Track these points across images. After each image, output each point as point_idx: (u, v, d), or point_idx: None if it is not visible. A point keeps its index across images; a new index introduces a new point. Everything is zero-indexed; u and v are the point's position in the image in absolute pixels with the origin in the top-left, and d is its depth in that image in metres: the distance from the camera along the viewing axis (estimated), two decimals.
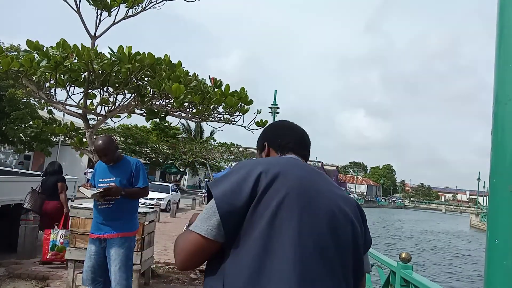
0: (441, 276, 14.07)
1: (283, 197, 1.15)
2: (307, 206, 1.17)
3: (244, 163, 1.27)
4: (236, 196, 1.14)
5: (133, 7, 5.52)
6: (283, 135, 1.50)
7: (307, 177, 1.25)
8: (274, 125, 1.59)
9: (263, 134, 1.55)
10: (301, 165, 1.32)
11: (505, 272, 0.66)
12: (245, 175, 1.18)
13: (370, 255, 3.29)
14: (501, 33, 0.71)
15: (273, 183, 1.16)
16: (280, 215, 1.13)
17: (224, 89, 5.40)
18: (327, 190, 1.25)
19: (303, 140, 1.51)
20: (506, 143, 0.69)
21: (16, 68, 4.61)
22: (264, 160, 1.31)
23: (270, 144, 1.48)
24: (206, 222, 1.15)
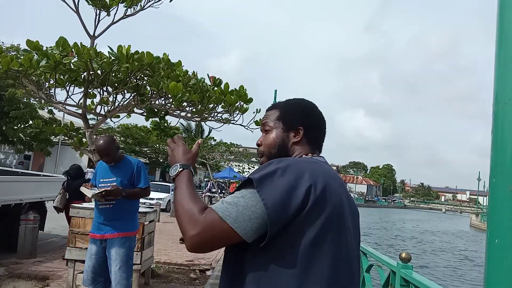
0: (444, 278, 14.07)
1: (328, 217, 1.10)
2: (346, 226, 1.16)
3: (287, 163, 1.15)
4: (285, 208, 1.06)
5: (132, 6, 5.52)
6: (320, 129, 1.38)
7: (342, 192, 1.20)
8: (314, 110, 1.39)
9: (302, 115, 1.35)
10: (334, 175, 1.24)
11: (505, 272, 0.66)
12: (293, 184, 1.09)
13: (370, 255, 3.29)
14: (501, 33, 0.71)
15: (320, 200, 1.10)
16: (323, 237, 1.09)
17: (224, 87, 5.40)
18: (349, 203, 1.24)
19: (325, 135, 1.43)
20: (506, 143, 0.69)
21: (15, 68, 4.61)
22: (306, 166, 1.16)
23: (307, 132, 1.33)
24: (246, 220, 1.06)
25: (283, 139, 1.33)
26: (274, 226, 1.05)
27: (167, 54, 5.08)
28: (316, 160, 1.26)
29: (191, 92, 5.09)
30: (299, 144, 1.32)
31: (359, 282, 1.23)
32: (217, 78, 5.50)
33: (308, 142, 1.33)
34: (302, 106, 1.37)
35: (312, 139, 1.34)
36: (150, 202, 15.13)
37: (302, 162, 1.19)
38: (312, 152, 1.33)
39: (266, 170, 1.12)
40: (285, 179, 1.09)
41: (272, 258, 1.07)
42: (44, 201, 7.67)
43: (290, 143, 1.32)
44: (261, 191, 1.07)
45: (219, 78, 5.52)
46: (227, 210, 1.07)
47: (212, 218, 1.06)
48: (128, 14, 5.59)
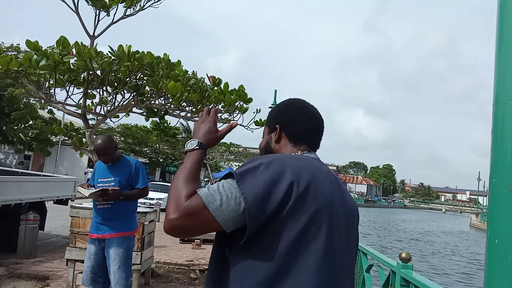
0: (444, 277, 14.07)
1: (313, 213, 1.07)
2: (333, 223, 1.12)
3: (272, 158, 1.12)
4: (266, 204, 1.04)
5: (131, 6, 5.52)
6: (298, 123, 1.32)
7: (333, 188, 1.17)
8: (290, 106, 1.36)
9: (276, 113, 1.36)
10: (326, 172, 1.20)
11: (505, 272, 0.66)
12: (276, 180, 1.06)
13: (370, 255, 3.29)
14: (501, 32, 0.71)
15: (304, 196, 1.07)
16: (308, 234, 1.06)
17: (223, 87, 5.40)
18: (345, 201, 1.20)
19: (319, 130, 1.36)
20: (506, 143, 0.69)
21: (15, 68, 4.61)
22: (291, 162, 1.13)
23: (283, 128, 1.32)
24: (228, 210, 1.03)
25: (268, 141, 1.35)
26: (253, 222, 1.02)
27: (167, 54, 5.08)
28: (306, 157, 1.22)
29: (190, 91, 5.09)
30: (279, 142, 1.31)
31: (352, 278, 1.20)
32: (216, 78, 5.50)
33: (290, 139, 1.30)
34: (279, 104, 1.38)
35: (293, 135, 1.30)
36: (150, 202, 15.13)
37: (288, 158, 1.16)
38: (298, 148, 1.29)
39: (250, 165, 1.10)
40: (268, 174, 1.07)
41: (255, 255, 1.05)
42: (44, 201, 7.67)
43: (273, 143, 1.32)
44: (242, 185, 1.05)
45: (218, 78, 5.52)
46: (212, 197, 1.05)
47: (196, 204, 1.05)
48: (127, 14, 5.59)
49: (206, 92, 5.31)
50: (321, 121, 1.38)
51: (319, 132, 1.36)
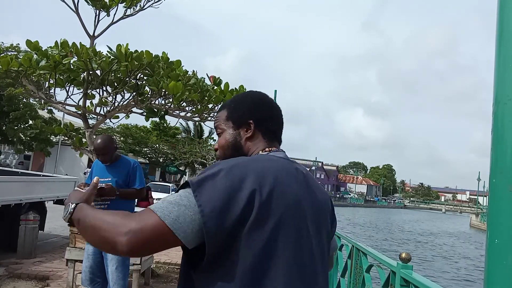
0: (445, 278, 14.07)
1: (278, 221, 0.99)
2: (301, 227, 1.05)
3: (233, 163, 1.03)
4: (225, 216, 0.94)
5: (131, 6, 5.52)
6: (273, 118, 1.25)
7: (300, 188, 1.09)
8: (263, 100, 1.27)
9: (249, 107, 1.23)
10: (293, 171, 1.12)
11: (505, 272, 0.66)
12: (236, 187, 0.97)
13: (370, 255, 3.28)
14: (501, 32, 0.71)
15: (268, 204, 0.98)
16: (275, 244, 0.99)
17: (223, 87, 5.40)
18: (314, 198, 1.14)
19: (282, 124, 1.30)
20: (506, 143, 0.68)
21: (15, 68, 4.61)
22: (254, 166, 1.03)
23: (258, 124, 1.22)
24: (187, 222, 0.94)
25: (235, 138, 1.22)
26: (211, 239, 0.93)
27: (166, 53, 5.08)
28: (271, 157, 1.13)
29: (191, 91, 5.09)
30: (253, 139, 1.22)
31: (327, 279, 1.15)
32: (217, 78, 5.51)
33: (264, 135, 1.22)
34: (249, 98, 1.27)
35: (267, 131, 1.23)
36: None
37: (251, 161, 1.06)
38: (270, 145, 1.22)
39: (209, 171, 1.00)
40: (228, 181, 0.97)
41: (218, 275, 0.97)
42: (44, 201, 7.67)
43: (243, 140, 1.22)
44: (199, 195, 0.95)
45: (219, 78, 5.52)
46: (167, 209, 0.94)
47: (148, 218, 0.94)
48: (127, 14, 5.59)
49: (206, 92, 5.31)
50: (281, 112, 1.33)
51: (282, 127, 1.31)
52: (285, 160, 1.15)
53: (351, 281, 3.68)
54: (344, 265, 4.08)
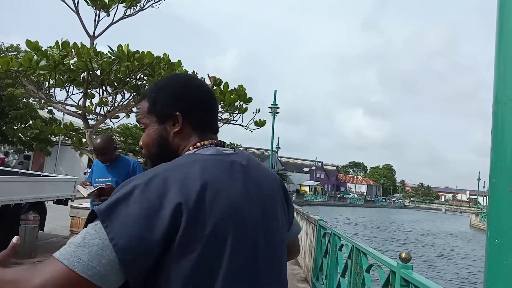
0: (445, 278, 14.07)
1: (213, 232, 0.86)
2: (244, 232, 0.92)
3: (151, 175, 0.87)
4: (147, 244, 0.80)
5: (131, 7, 5.52)
6: (203, 105, 1.06)
7: (237, 185, 0.95)
8: (188, 85, 1.07)
9: (173, 97, 1.04)
10: (227, 166, 0.97)
11: (505, 272, 0.66)
12: (155, 205, 0.82)
13: (370, 255, 3.29)
14: (501, 32, 0.71)
15: (197, 216, 0.84)
16: (210, 258, 0.86)
17: (223, 87, 5.41)
18: (258, 190, 1.00)
19: (217, 109, 1.13)
20: (506, 143, 0.68)
21: (15, 68, 4.62)
22: (176, 174, 0.88)
23: (187, 116, 1.03)
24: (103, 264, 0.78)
25: (161, 134, 1.05)
26: (133, 273, 0.80)
27: (167, 54, 5.09)
28: (196, 158, 0.96)
29: None
30: (182, 133, 1.04)
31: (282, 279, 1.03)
32: (217, 78, 5.51)
33: (194, 127, 1.05)
34: (172, 86, 1.07)
35: (199, 122, 1.05)
36: None
37: (171, 169, 0.90)
38: (203, 138, 1.05)
39: (119, 194, 0.84)
40: (144, 200, 0.82)
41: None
42: (44, 201, 7.67)
43: (171, 136, 1.04)
44: (109, 226, 0.79)
45: (219, 78, 5.53)
46: (74, 255, 0.78)
47: (53, 269, 0.77)
48: (127, 15, 5.60)
49: None
50: (215, 95, 1.14)
51: (217, 111, 1.13)
52: (215, 157, 0.98)
53: (351, 281, 3.68)
54: (344, 265, 4.09)
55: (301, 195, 63.53)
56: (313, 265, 6.02)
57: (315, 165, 75.20)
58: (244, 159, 1.03)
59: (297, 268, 7.61)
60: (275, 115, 23.04)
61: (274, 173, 1.15)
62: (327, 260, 5.05)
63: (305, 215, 7.77)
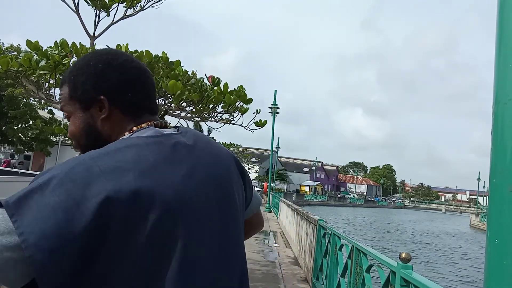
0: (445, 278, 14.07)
1: (155, 228, 0.74)
2: (191, 219, 0.80)
3: (72, 165, 0.74)
4: (64, 243, 0.67)
5: (132, 7, 5.53)
6: (132, 85, 0.92)
7: (182, 169, 0.83)
8: (111, 63, 0.91)
9: (94, 79, 0.90)
10: (166, 150, 0.84)
11: (505, 272, 0.66)
12: (76, 199, 0.69)
13: (370, 255, 3.28)
14: (501, 32, 0.71)
15: (131, 210, 0.72)
16: (156, 256, 0.75)
17: (223, 87, 5.41)
18: (210, 171, 0.89)
19: (153, 86, 0.98)
20: (506, 143, 0.68)
21: (15, 68, 4.62)
22: (105, 162, 0.75)
23: (113, 99, 0.90)
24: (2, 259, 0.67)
25: (87, 123, 0.91)
26: (45, 277, 0.67)
27: (165, 53, 5.09)
28: (132, 142, 0.83)
29: (190, 91, 5.09)
30: (112, 119, 0.90)
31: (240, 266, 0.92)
32: (216, 78, 5.51)
33: (124, 111, 0.91)
34: (92, 66, 0.91)
35: (129, 104, 0.91)
36: None
37: (101, 156, 0.77)
38: (138, 121, 0.92)
39: (34, 184, 0.72)
40: (63, 193, 0.70)
41: None
42: None
43: (99, 123, 0.90)
44: (19, 219, 0.67)
45: (218, 78, 5.53)
46: None
47: None
48: (127, 15, 5.60)
49: (205, 92, 5.32)
50: (149, 72, 0.98)
51: (154, 89, 0.99)
52: (154, 139, 0.85)
53: (351, 281, 3.68)
54: (344, 265, 4.09)
55: (301, 195, 63.52)
56: (313, 265, 6.02)
57: (315, 165, 75.21)
58: (190, 138, 0.91)
59: (297, 268, 7.61)
60: (275, 115, 23.04)
61: (227, 149, 1.04)
62: (327, 260, 5.05)
63: (305, 215, 7.77)
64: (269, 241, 11.33)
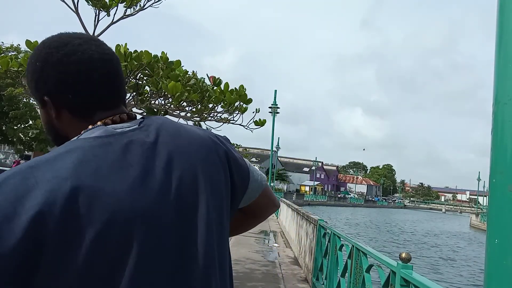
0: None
1: (96, 243, 0.65)
2: (139, 231, 0.70)
3: (7, 173, 0.67)
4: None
5: (132, 6, 5.53)
6: (73, 85, 0.80)
7: (132, 177, 0.72)
8: (46, 61, 0.81)
9: (34, 77, 0.82)
10: (119, 152, 0.74)
11: (505, 272, 0.66)
12: (6, 215, 0.62)
13: (370, 255, 3.28)
14: (501, 32, 0.71)
15: (69, 228, 0.64)
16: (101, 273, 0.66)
17: (223, 87, 5.41)
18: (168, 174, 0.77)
19: (110, 76, 0.84)
20: (506, 143, 0.68)
21: (15, 68, 4.61)
22: (39, 172, 0.67)
23: (56, 101, 0.81)
24: None
25: (46, 120, 0.86)
26: None
27: (165, 53, 5.08)
28: (78, 145, 0.73)
29: (190, 91, 5.10)
30: (62, 119, 0.83)
31: (221, 267, 0.83)
32: (217, 78, 5.52)
33: (72, 111, 0.82)
34: (32, 64, 0.83)
35: (74, 106, 0.81)
36: None
37: (40, 164, 0.69)
38: (90, 120, 0.82)
39: None
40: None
41: None
42: None
43: (55, 122, 0.84)
44: None
45: (219, 78, 5.53)
46: None
47: None
48: (127, 14, 5.60)
49: (206, 92, 5.32)
50: (106, 59, 0.84)
51: (112, 79, 0.84)
52: (101, 140, 0.75)
53: (351, 281, 3.68)
54: (344, 265, 4.09)
55: (301, 195, 63.54)
56: (313, 265, 6.03)
57: (315, 165, 75.21)
58: (151, 133, 0.80)
59: (297, 268, 7.61)
60: (275, 115, 23.04)
61: (208, 135, 0.90)
62: (327, 260, 5.05)
63: (305, 215, 7.77)
64: (269, 241, 11.34)
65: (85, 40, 0.84)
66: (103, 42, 0.89)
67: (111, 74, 0.84)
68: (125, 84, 0.88)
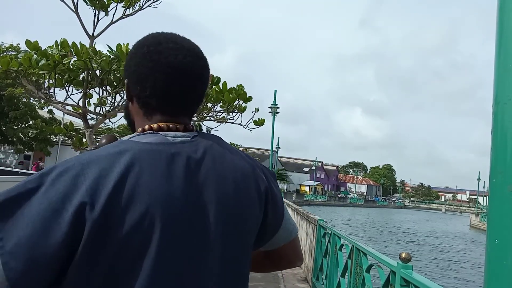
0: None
1: (127, 242, 0.70)
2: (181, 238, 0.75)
3: (58, 170, 0.72)
4: (38, 250, 0.65)
5: (130, 6, 5.52)
6: (143, 80, 0.83)
7: (172, 188, 0.75)
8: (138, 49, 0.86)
9: (127, 59, 0.88)
10: (164, 161, 0.77)
11: (505, 272, 0.66)
12: (55, 208, 0.67)
13: (370, 255, 3.28)
14: (501, 31, 0.71)
15: (105, 225, 0.69)
16: (126, 270, 0.71)
17: (222, 86, 5.41)
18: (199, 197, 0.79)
19: (182, 89, 0.85)
20: (506, 143, 0.68)
21: (15, 68, 4.61)
22: (94, 169, 0.72)
23: (130, 87, 0.86)
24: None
25: (127, 111, 0.93)
26: (18, 283, 0.65)
27: None
28: (129, 147, 0.77)
29: None
30: (132, 108, 0.89)
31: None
32: (215, 77, 5.51)
33: (139, 103, 0.86)
34: (132, 48, 0.89)
35: (140, 99, 0.85)
36: None
37: (92, 162, 0.73)
38: (149, 119, 0.86)
39: (22, 187, 0.69)
40: (45, 200, 0.68)
41: None
42: None
43: (130, 108, 0.90)
44: (0, 225, 0.66)
45: (217, 77, 5.53)
46: None
47: None
48: (126, 14, 5.59)
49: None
50: (187, 72, 0.84)
51: (183, 92, 0.85)
52: (151, 147, 0.78)
53: (351, 281, 3.67)
54: (344, 265, 4.08)
55: (301, 195, 63.54)
56: (313, 265, 6.02)
57: (315, 165, 75.20)
58: (199, 151, 0.82)
59: (297, 268, 7.61)
60: (275, 115, 23.02)
61: (254, 167, 0.90)
62: (327, 260, 5.05)
63: (305, 215, 7.77)
64: None
65: (179, 47, 0.86)
66: (200, 55, 0.91)
67: (184, 87, 0.85)
68: (200, 101, 0.90)
